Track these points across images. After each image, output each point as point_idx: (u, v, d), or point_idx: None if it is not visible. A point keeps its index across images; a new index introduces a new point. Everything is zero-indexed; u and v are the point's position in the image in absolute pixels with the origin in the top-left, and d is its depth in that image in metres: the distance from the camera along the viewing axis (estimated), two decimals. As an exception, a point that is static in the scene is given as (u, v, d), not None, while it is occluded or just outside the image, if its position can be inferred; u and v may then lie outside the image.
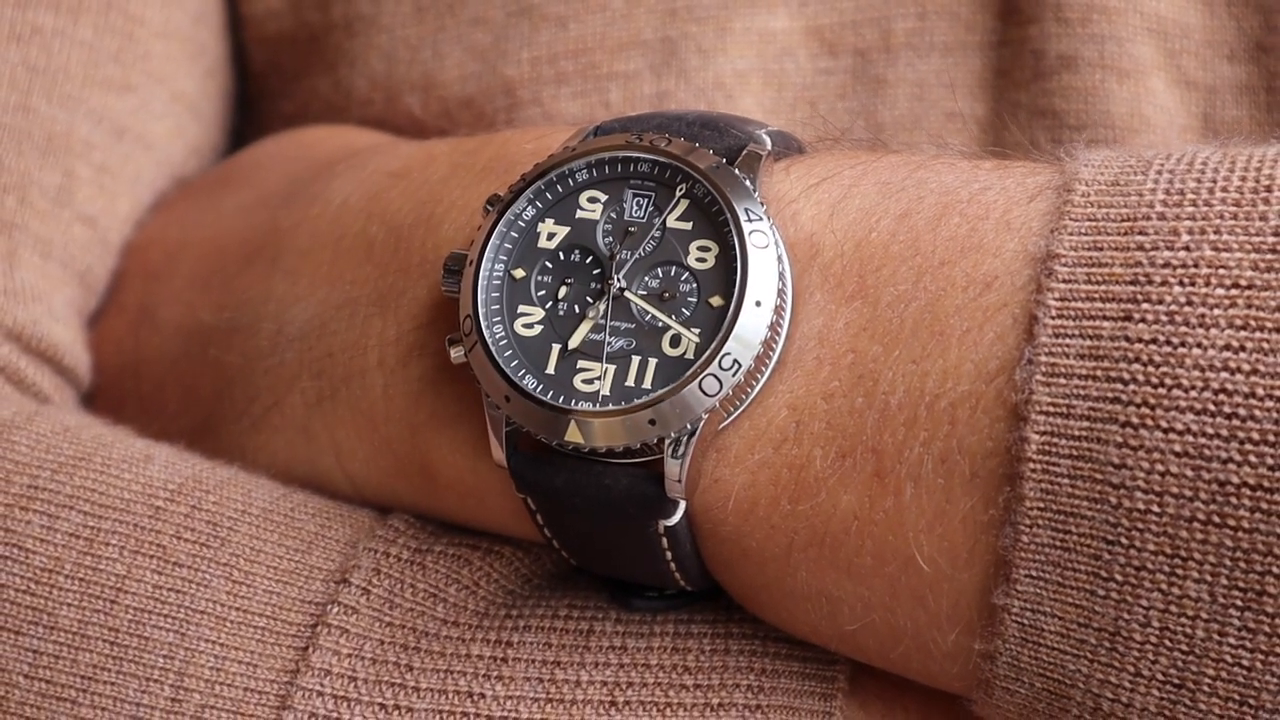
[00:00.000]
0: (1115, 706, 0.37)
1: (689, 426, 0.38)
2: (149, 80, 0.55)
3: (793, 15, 0.55)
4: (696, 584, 0.42)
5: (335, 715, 0.41)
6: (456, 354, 0.40)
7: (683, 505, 0.39)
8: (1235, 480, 0.34)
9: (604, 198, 0.41)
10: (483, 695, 0.41)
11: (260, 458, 0.46)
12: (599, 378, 0.39)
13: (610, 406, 0.38)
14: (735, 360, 0.38)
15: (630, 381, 0.39)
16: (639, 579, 0.43)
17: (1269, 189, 0.36)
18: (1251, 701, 0.35)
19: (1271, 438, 0.34)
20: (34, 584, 0.42)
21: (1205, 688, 0.36)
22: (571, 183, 0.41)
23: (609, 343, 0.39)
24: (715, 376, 0.38)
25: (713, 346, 0.38)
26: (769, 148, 0.41)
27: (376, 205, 0.46)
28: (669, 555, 0.40)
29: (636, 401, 0.38)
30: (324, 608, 0.42)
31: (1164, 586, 0.35)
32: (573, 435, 0.38)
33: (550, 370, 0.39)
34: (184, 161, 0.57)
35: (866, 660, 0.41)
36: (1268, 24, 0.53)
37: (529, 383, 0.39)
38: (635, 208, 0.41)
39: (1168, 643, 0.36)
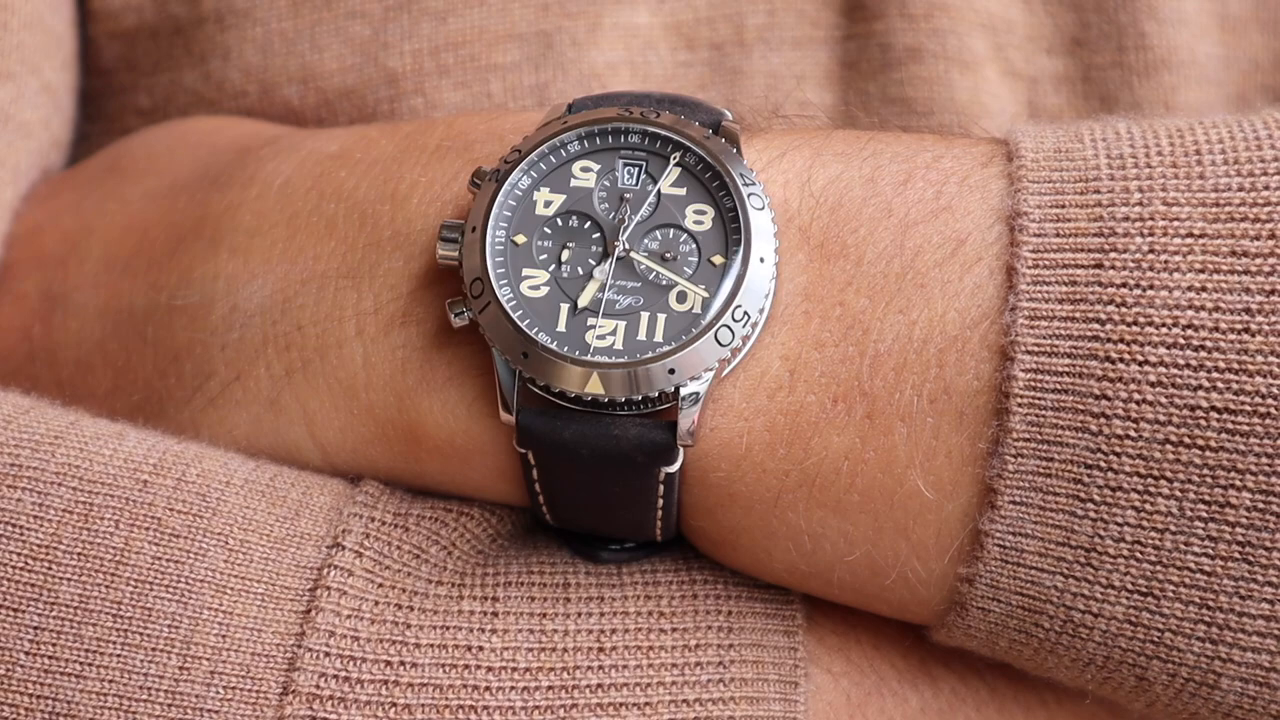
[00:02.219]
0: (1085, 617, 0.42)
1: (704, 375, 0.41)
2: (24, 69, 0.55)
3: (653, 11, 0.59)
4: (669, 534, 0.46)
5: (344, 674, 0.42)
6: (459, 317, 0.42)
7: (682, 452, 0.42)
8: (1205, 404, 0.40)
9: (596, 167, 0.44)
10: (481, 648, 0.44)
11: (219, 432, 0.47)
12: (611, 333, 0.42)
13: (629, 359, 0.41)
14: (745, 312, 0.41)
15: (642, 336, 0.42)
16: (618, 531, 0.46)
17: (1197, 152, 0.42)
18: (1210, 604, 0.41)
19: (1235, 365, 0.39)
20: (31, 560, 0.42)
21: (1170, 593, 0.41)
22: (565, 153, 0.44)
23: (617, 300, 0.42)
24: (728, 327, 0.41)
25: (725, 299, 0.41)
26: (737, 125, 0.45)
27: (327, 185, 0.47)
28: (661, 503, 0.44)
29: (657, 353, 0.41)
30: (320, 571, 0.44)
31: (1138, 504, 0.40)
32: (594, 387, 0.41)
33: (561, 328, 0.42)
34: (48, 153, 0.57)
35: (836, 595, 0.45)
36: (1081, 20, 0.59)
37: (544, 339, 0.41)
38: (627, 176, 0.44)
39: (1138, 555, 0.41)
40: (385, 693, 0.43)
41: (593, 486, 0.44)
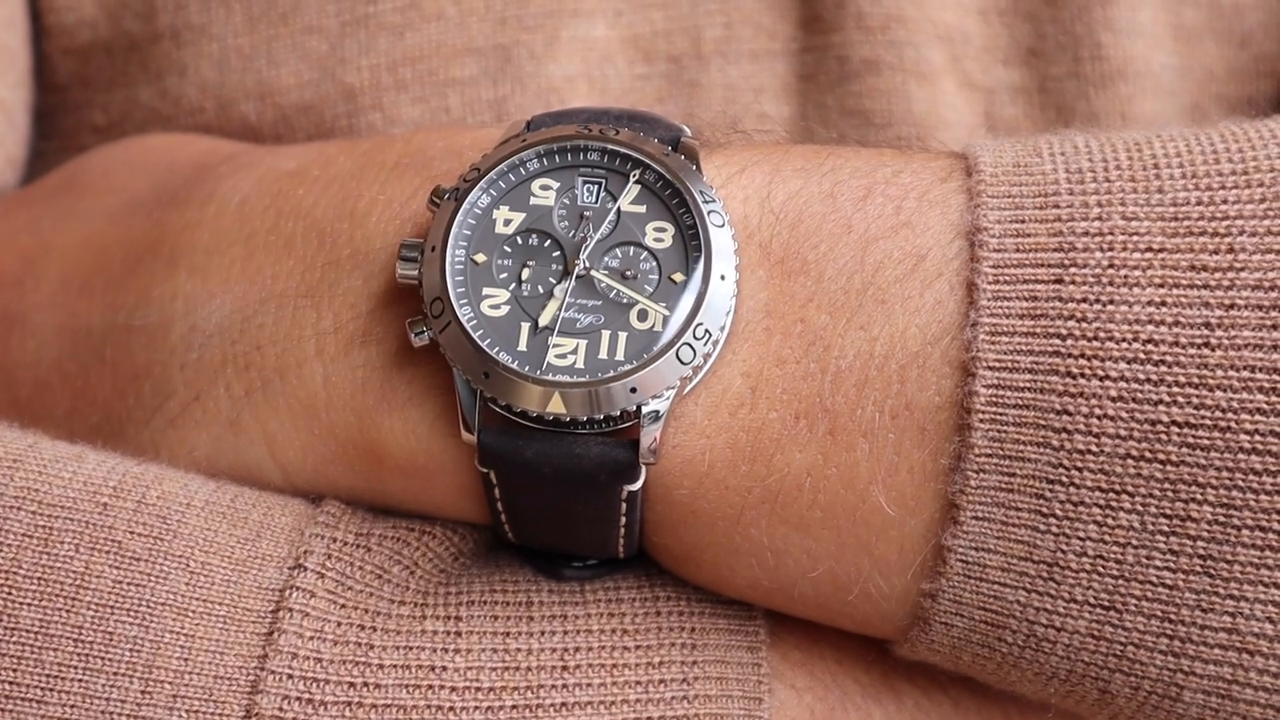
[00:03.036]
0: (1049, 631, 0.42)
1: (666, 393, 0.41)
2: None
3: (610, 24, 0.59)
4: (631, 551, 0.46)
5: (307, 695, 0.43)
6: (419, 337, 0.43)
7: (645, 470, 0.42)
8: (1165, 419, 0.40)
9: (555, 184, 0.44)
10: (444, 668, 0.44)
11: (179, 453, 0.47)
12: (572, 352, 0.42)
13: (590, 378, 0.41)
14: (706, 330, 0.42)
15: (603, 355, 0.42)
16: (581, 548, 0.46)
17: (1155, 165, 0.43)
18: (1172, 617, 0.41)
19: (1196, 379, 0.40)
20: None
21: (1132, 607, 0.41)
22: (524, 171, 0.44)
23: (577, 319, 0.42)
24: (689, 345, 0.41)
25: (685, 317, 0.42)
26: (696, 140, 0.45)
27: (285, 203, 0.47)
28: (623, 521, 0.44)
29: (618, 371, 0.41)
30: (282, 593, 0.44)
31: (1099, 518, 0.41)
32: (555, 406, 0.41)
33: (522, 347, 0.42)
34: (2, 171, 0.57)
35: (799, 611, 0.46)
36: (1037, 31, 0.60)
37: (505, 358, 0.42)
38: (586, 194, 0.44)
39: (1100, 569, 0.41)
40: (349, 713, 0.43)
41: (555, 505, 0.44)
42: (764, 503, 0.43)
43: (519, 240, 0.44)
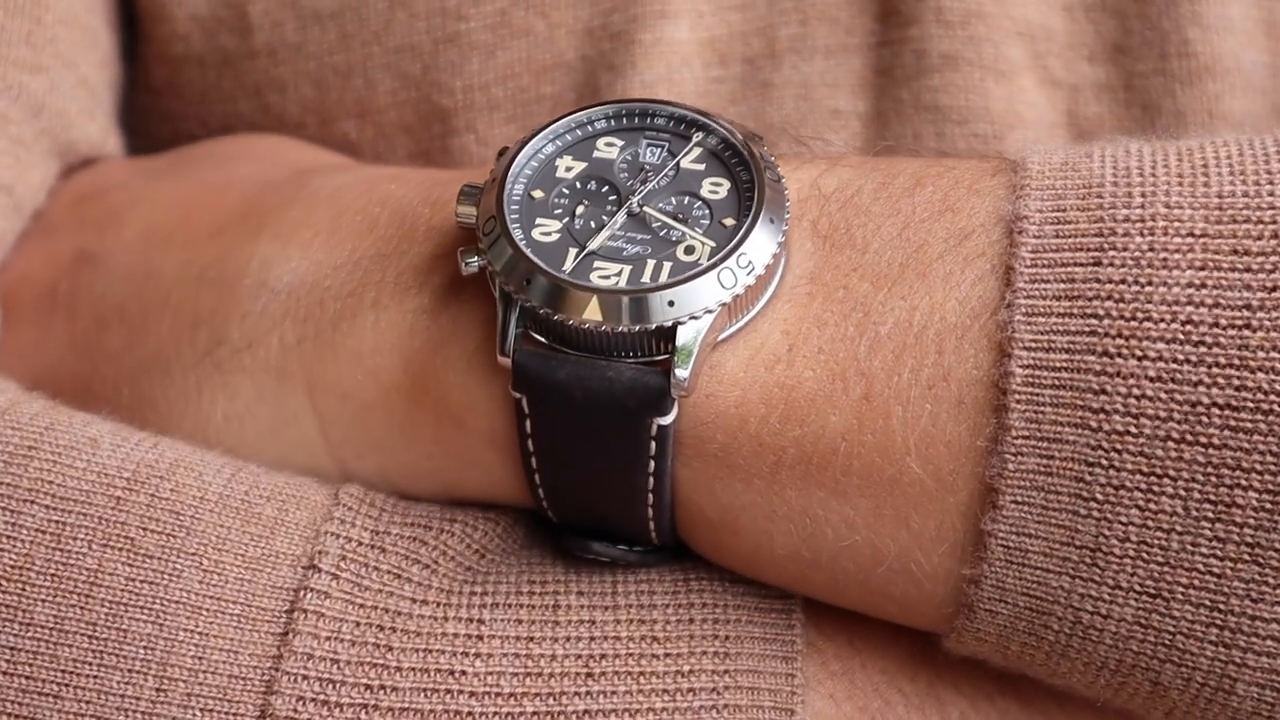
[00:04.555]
0: (1094, 619, 0.41)
1: (704, 316, 0.41)
2: (58, 63, 0.57)
3: (692, 27, 0.59)
4: (664, 529, 0.45)
5: (322, 697, 0.42)
6: (469, 264, 0.43)
7: (677, 407, 0.42)
8: (1206, 400, 0.39)
9: (620, 143, 0.46)
10: (464, 672, 0.43)
11: (219, 398, 0.47)
12: (616, 274, 0.43)
13: (631, 287, 0.42)
14: (750, 261, 0.42)
15: (646, 279, 0.42)
16: (610, 508, 0.45)
17: (1205, 168, 0.42)
18: (1221, 606, 0.40)
19: (1237, 361, 0.39)
20: (5, 581, 0.43)
21: (1179, 595, 0.40)
22: (590, 129, 0.46)
23: (624, 248, 0.43)
24: (731, 270, 0.42)
25: (731, 247, 0.42)
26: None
27: (376, 193, 0.49)
28: (652, 468, 0.43)
29: (657, 283, 0.42)
30: (296, 593, 0.44)
31: (1141, 503, 0.40)
32: (592, 313, 0.41)
33: (567, 267, 0.43)
34: (102, 142, 0.59)
35: (843, 593, 0.45)
36: (1124, 27, 0.59)
37: (549, 269, 0.42)
38: (649, 154, 0.46)
39: (1145, 555, 0.40)
40: (364, 716, 0.43)
41: (584, 439, 0.43)
42: (799, 463, 0.42)
43: (578, 184, 0.45)
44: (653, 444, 0.43)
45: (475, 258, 0.43)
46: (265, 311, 0.47)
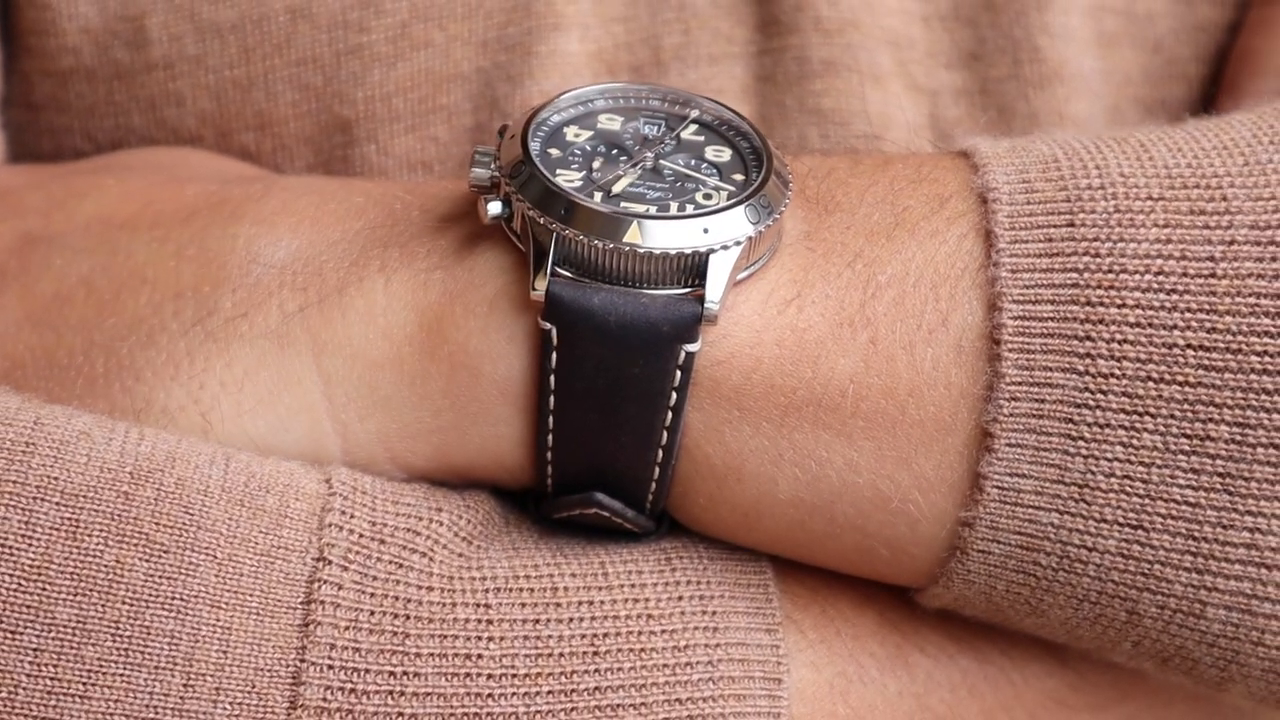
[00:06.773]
0: (1080, 551, 0.45)
1: (734, 247, 0.44)
2: None
3: (581, 39, 0.61)
4: (670, 465, 0.47)
5: (349, 685, 0.43)
6: (493, 208, 0.45)
7: (702, 337, 0.44)
8: (1181, 342, 0.44)
9: (620, 118, 0.48)
10: (480, 655, 0.44)
11: (214, 364, 0.47)
12: (645, 209, 0.46)
13: (666, 214, 0.45)
14: (769, 202, 0.45)
15: (673, 213, 0.45)
16: (617, 455, 0.46)
17: (1142, 145, 0.47)
18: (1195, 534, 0.44)
19: (1206, 306, 0.44)
20: (25, 582, 0.42)
21: (1159, 525, 0.44)
22: (591, 106, 0.49)
23: (646, 194, 0.46)
24: (755, 208, 0.45)
25: (753, 188, 0.45)
26: None
27: (355, 186, 0.50)
28: (673, 399, 0.45)
29: (693, 209, 0.45)
30: (310, 584, 0.44)
31: (1125, 439, 0.44)
32: (632, 236, 0.43)
33: (598, 202, 0.45)
34: None
35: (837, 539, 0.47)
36: (978, 36, 0.64)
37: (584, 201, 0.45)
38: (649, 130, 0.48)
39: (1128, 489, 0.44)
40: (392, 703, 0.43)
41: (611, 369, 0.45)
42: (808, 405, 0.45)
43: (588, 147, 0.47)
44: (678, 374, 0.45)
45: (497, 202, 0.45)
46: (260, 283, 0.47)
